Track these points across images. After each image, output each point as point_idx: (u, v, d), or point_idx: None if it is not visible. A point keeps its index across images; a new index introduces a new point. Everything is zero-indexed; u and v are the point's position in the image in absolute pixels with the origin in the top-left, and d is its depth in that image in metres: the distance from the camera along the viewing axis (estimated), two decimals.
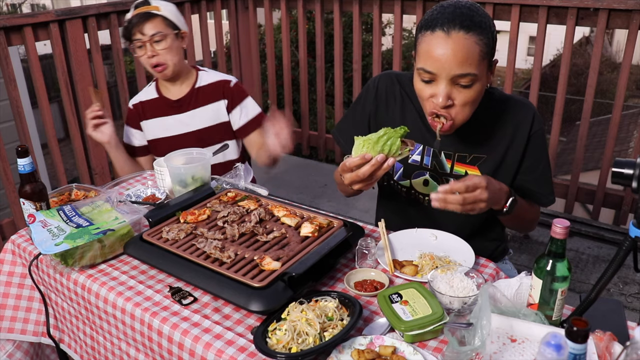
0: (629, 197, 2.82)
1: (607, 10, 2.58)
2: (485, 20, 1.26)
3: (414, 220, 1.56)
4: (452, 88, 1.27)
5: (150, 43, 1.96)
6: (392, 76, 1.55)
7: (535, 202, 1.52)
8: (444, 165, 1.49)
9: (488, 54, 1.26)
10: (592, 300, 1.04)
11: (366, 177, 1.26)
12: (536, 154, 1.45)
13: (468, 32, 1.22)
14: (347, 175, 1.29)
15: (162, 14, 1.99)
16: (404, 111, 1.51)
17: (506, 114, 1.44)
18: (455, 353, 1.00)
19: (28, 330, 1.59)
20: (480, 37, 1.23)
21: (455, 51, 1.22)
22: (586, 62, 10.95)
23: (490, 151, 1.45)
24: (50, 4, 18.87)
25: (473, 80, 1.25)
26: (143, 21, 1.95)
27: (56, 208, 1.48)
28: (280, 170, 4.11)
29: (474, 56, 1.23)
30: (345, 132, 1.63)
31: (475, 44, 1.23)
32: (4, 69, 2.57)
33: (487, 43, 1.25)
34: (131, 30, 1.97)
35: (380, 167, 1.24)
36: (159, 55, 1.99)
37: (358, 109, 1.59)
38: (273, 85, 4.04)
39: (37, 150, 4.28)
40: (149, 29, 1.96)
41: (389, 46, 8.97)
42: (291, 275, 1.19)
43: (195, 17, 3.54)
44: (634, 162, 0.99)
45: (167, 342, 1.18)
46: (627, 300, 2.58)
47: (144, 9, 1.97)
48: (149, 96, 2.18)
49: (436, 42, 1.24)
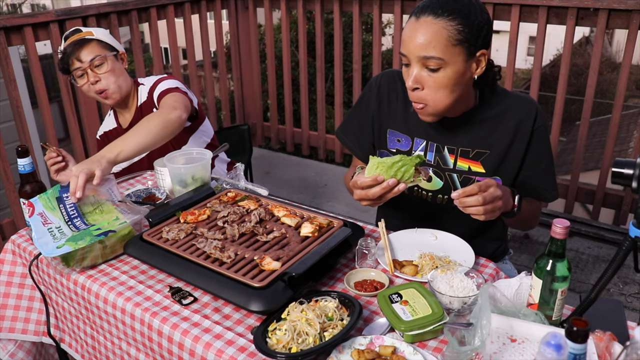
0: (629, 197, 2.82)
1: (607, 10, 2.58)
2: (464, 9, 1.27)
3: (416, 218, 1.56)
4: (420, 72, 1.31)
5: (90, 69, 1.88)
6: (393, 74, 1.57)
7: (538, 198, 1.53)
8: (447, 160, 1.49)
9: (462, 41, 1.27)
10: (592, 300, 1.04)
11: (375, 198, 1.29)
12: (539, 149, 1.46)
13: (436, 17, 1.26)
14: (357, 191, 1.32)
15: (96, 37, 1.92)
16: (407, 107, 1.53)
17: (509, 110, 1.45)
18: (455, 353, 1.00)
19: (29, 330, 1.60)
20: (450, 23, 1.26)
21: (420, 33, 1.27)
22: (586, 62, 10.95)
23: (493, 146, 1.46)
24: (50, 4, 18.88)
25: (440, 65, 1.28)
26: (78, 48, 1.88)
27: (56, 197, 1.46)
28: (280, 170, 4.11)
29: (439, 40, 1.26)
30: (349, 132, 1.65)
31: (443, 28, 1.26)
32: (4, 69, 2.58)
33: (461, 30, 1.26)
34: (68, 60, 1.89)
35: (390, 190, 1.28)
36: (101, 80, 1.91)
37: (362, 108, 1.61)
38: (273, 85, 4.04)
39: (37, 150, 4.28)
40: (86, 55, 1.88)
41: (389, 46, 8.99)
42: (291, 275, 1.19)
43: (195, 17, 3.54)
44: (634, 162, 0.99)
45: (167, 342, 1.18)
46: (627, 300, 2.58)
47: (76, 37, 1.90)
48: (110, 126, 2.13)
49: (408, 26, 1.31)
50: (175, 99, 1.85)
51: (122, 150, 1.58)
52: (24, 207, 1.52)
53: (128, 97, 2.03)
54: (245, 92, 4.16)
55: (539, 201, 1.56)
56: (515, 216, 1.39)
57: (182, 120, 1.76)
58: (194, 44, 3.54)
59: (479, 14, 1.28)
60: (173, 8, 3.34)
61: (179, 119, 1.74)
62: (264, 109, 4.55)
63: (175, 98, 1.86)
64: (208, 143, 2.12)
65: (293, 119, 4.05)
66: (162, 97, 1.90)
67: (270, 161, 4.26)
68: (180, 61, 3.60)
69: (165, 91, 1.92)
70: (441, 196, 1.51)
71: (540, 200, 1.54)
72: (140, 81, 2.06)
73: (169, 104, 1.81)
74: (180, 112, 1.76)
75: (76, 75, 1.92)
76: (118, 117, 2.11)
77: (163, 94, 1.91)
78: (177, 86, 1.95)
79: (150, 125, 1.69)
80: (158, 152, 1.85)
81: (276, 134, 4.16)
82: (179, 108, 1.77)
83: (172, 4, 3.33)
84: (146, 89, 2.02)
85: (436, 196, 1.52)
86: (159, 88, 1.95)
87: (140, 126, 1.68)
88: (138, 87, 2.05)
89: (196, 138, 2.08)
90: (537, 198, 1.53)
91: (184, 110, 1.79)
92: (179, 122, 1.74)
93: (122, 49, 2.02)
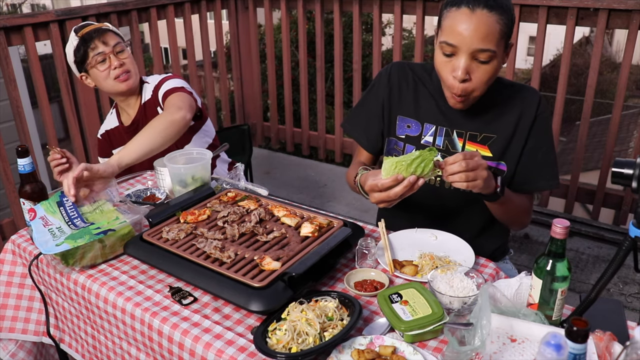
0: (629, 197, 2.82)
1: (607, 10, 2.58)
2: (507, 3, 1.33)
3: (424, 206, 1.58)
4: (471, 63, 1.33)
5: (113, 53, 1.90)
6: (403, 64, 1.61)
7: (535, 187, 1.54)
8: (455, 144, 1.52)
9: (507, 34, 1.33)
10: (592, 300, 1.04)
11: (397, 198, 1.29)
12: (540, 135, 1.50)
13: (491, 10, 1.29)
14: (375, 194, 1.32)
15: (111, 29, 1.95)
16: (417, 94, 1.56)
17: (514, 97, 1.50)
18: (455, 353, 1.00)
19: (29, 330, 1.60)
20: (501, 16, 1.30)
21: (477, 26, 1.29)
22: (586, 62, 10.94)
23: (500, 131, 1.49)
24: (50, 4, 18.88)
25: (491, 57, 1.32)
26: (102, 33, 1.89)
27: (57, 201, 1.47)
28: (280, 170, 4.11)
29: (494, 33, 1.30)
30: (357, 123, 1.67)
31: (497, 22, 1.30)
32: (4, 69, 2.58)
33: (507, 24, 1.32)
34: (89, 44, 1.88)
35: (411, 188, 1.28)
36: (125, 64, 1.92)
37: (370, 98, 1.63)
38: (273, 85, 4.04)
39: (37, 150, 4.29)
40: (111, 39, 1.90)
41: (389, 46, 8.98)
42: (291, 275, 1.19)
43: (195, 17, 3.54)
44: (634, 162, 0.99)
45: (167, 342, 1.18)
46: (627, 300, 2.58)
47: (92, 27, 1.91)
48: (111, 124, 2.13)
49: (461, 18, 1.31)
50: (180, 99, 1.86)
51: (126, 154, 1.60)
52: (24, 206, 1.53)
53: (136, 89, 2.03)
54: (245, 92, 4.16)
55: (531, 196, 1.57)
56: (499, 200, 1.39)
57: (187, 120, 1.77)
58: (194, 44, 3.54)
59: (512, 7, 1.35)
60: (173, 8, 3.35)
61: (184, 119, 1.75)
62: (264, 109, 4.55)
63: (181, 98, 1.87)
64: (210, 143, 2.12)
65: (293, 119, 4.05)
66: (167, 96, 1.91)
67: (270, 161, 4.26)
68: (180, 61, 3.60)
69: (170, 90, 1.93)
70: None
71: (537, 190, 1.56)
72: (144, 79, 2.07)
73: (174, 103, 1.82)
74: (185, 112, 1.76)
75: (96, 61, 1.90)
76: (120, 115, 2.11)
77: (168, 93, 1.92)
78: (182, 86, 1.96)
79: (155, 126, 1.70)
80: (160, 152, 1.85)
81: (276, 134, 4.16)
82: (184, 108, 1.78)
83: (172, 4, 3.33)
84: (151, 87, 2.02)
85: (444, 181, 1.52)
86: (165, 87, 1.96)
87: (146, 128, 1.70)
88: (142, 84, 2.05)
89: (199, 138, 2.08)
90: (533, 188, 1.53)
91: (188, 110, 1.79)
92: (184, 122, 1.75)
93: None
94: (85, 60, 1.91)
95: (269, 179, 3.94)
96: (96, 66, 1.91)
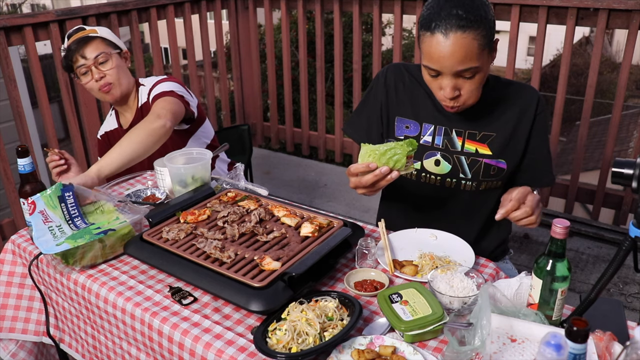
0: (629, 197, 2.82)
1: (607, 10, 2.58)
2: (481, 12, 1.28)
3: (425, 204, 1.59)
4: (456, 80, 1.33)
5: (94, 66, 1.89)
6: (399, 65, 1.62)
7: (538, 183, 1.56)
8: (455, 143, 1.52)
9: (487, 43, 1.31)
10: (592, 300, 1.04)
11: (368, 185, 1.32)
12: (541, 134, 1.52)
13: (465, 31, 1.26)
14: (351, 179, 1.37)
15: (100, 35, 1.93)
16: (414, 94, 1.57)
17: (513, 96, 1.51)
18: (455, 353, 1.00)
19: (29, 330, 1.59)
20: (477, 32, 1.27)
21: (454, 51, 1.27)
22: (586, 62, 10.94)
23: (499, 129, 1.50)
24: (50, 4, 18.88)
25: (475, 72, 1.32)
26: (83, 45, 1.88)
27: (58, 195, 1.46)
28: (280, 170, 4.11)
29: (472, 52, 1.28)
30: (357, 126, 1.68)
31: (473, 39, 1.27)
32: (4, 69, 2.58)
33: (485, 35, 1.29)
34: (72, 58, 1.88)
35: (383, 178, 1.30)
36: (106, 76, 1.91)
37: (369, 101, 1.64)
38: (273, 85, 4.04)
39: (37, 150, 4.28)
40: (91, 52, 1.88)
41: (389, 46, 8.98)
42: (291, 275, 1.19)
43: (195, 17, 3.54)
44: (634, 162, 0.99)
45: (168, 342, 1.18)
46: (627, 300, 2.58)
47: (80, 35, 1.90)
48: (111, 126, 2.13)
49: (436, 45, 1.29)
50: (162, 105, 1.83)
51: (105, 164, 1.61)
52: (24, 207, 1.52)
53: (129, 97, 2.02)
54: (245, 92, 4.16)
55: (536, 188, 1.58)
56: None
57: (167, 129, 1.74)
58: (194, 44, 3.54)
59: (488, 10, 1.31)
60: (173, 8, 3.34)
61: (163, 128, 1.72)
62: (264, 109, 4.54)
63: (164, 104, 1.84)
64: (208, 144, 2.12)
65: (293, 119, 4.04)
66: (154, 100, 1.90)
67: (270, 161, 4.26)
68: (180, 61, 3.60)
69: (158, 95, 1.91)
70: (449, 180, 1.53)
71: (539, 186, 1.57)
72: (141, 82, 2.06)
73: (155, 111, 1.80)
74: (164, 121, 1.74)
75: (80, 73, 1.91)
76: (119, 117, 2.10)
77: (156, 98, 1.90)
78: (171, 89, 1.93)
79: (135, 135, 1.69)
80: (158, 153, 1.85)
81: (276, 134, 4.16)
82: (164, 116, 1.75)
83: (172, 4, 3.33)
84: (146, 90, 2.02)
85: (445, 180, 1.53)
86: (155, 91, 1.95)
87: (125, 137, 1.69)
88: (139, 87, 2.04)
89: (195, 140, 2.07)
90: (537, 184, 1.55)
91: (169, 118, 1.76)
92: (163, 130, 1.72)
93: (125, 48, 2.02)
94: (72, 70, 1.93)
95: (269, 179, 3.94)
96: (80, 77, 1.93)
